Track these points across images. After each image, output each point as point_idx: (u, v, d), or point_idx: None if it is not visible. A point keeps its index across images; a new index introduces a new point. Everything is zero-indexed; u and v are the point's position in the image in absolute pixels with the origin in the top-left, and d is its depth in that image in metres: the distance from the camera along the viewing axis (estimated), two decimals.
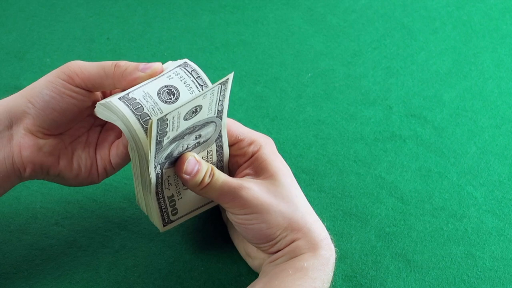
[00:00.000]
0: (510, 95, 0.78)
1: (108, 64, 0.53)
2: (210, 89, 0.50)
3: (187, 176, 0.52)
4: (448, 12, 0.88)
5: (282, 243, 0.54)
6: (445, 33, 0.85)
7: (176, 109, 0.48)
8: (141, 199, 0.56)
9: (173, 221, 0.57)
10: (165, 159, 0.52)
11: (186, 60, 0.54)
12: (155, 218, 0.56)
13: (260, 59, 0.80)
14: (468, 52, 0.83)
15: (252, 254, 0.57)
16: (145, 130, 0.50)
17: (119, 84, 0.53)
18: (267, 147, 0.56)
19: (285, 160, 0.58)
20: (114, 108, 0.50)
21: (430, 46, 0.84)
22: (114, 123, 0.51)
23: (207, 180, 0.52)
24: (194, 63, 0.54)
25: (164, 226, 0.57)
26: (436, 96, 0.77)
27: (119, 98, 0.51)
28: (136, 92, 0.51)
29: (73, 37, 0.82)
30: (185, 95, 0.52)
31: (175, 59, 0.55)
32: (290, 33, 0.84)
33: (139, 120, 0.50)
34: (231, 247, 0.61)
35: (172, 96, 0.52)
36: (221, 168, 0.57)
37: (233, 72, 0.51)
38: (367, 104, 0.76)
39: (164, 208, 0.55)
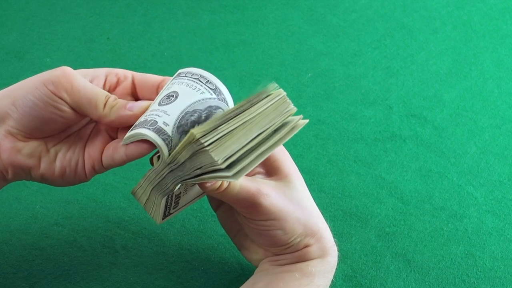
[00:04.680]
0: (510, 95, 0.78)
1: (101, 97, 0.50)
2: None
3: (208, 184, 0.50)
4: (448, 12, 0.89)
5: (294, 248, 0.54)
6: (445, 33, 0.85)
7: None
8: (143, 194, 0.54)
9: (171, 213, 0.56)
10: None
11: (179, 71, 0.52)
12: (156, 213, 0.55)
13: (260, 59, 0.80)
14: (468, 52, 0.83)
15: (251, 249, 0.57)
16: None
17: (104, 118, 0.50)
18: None
19: None
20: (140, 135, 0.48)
21: (430, 46, 0.84)
22: (149, 139, 0.48)
23: (225, 184, 0.50)
24: (190, 67, 0.52)
25: (163, 219, 0.56)
26: (436, 96, 0.77)
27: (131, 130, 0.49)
28: (142, 119, 0.49)
29: (73, 37, 0.82)
30: (185, 93, 0.51)
31: (175, 59, 0.54)
32: (290, 33, 0.84)
33: (158, 135, 0.48)
34: (231, 247, 0.61)
35: (171, 98, 0.50)
36: None
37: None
38: (367, 104, 0.75)
39: (168, 205, 0.55)
